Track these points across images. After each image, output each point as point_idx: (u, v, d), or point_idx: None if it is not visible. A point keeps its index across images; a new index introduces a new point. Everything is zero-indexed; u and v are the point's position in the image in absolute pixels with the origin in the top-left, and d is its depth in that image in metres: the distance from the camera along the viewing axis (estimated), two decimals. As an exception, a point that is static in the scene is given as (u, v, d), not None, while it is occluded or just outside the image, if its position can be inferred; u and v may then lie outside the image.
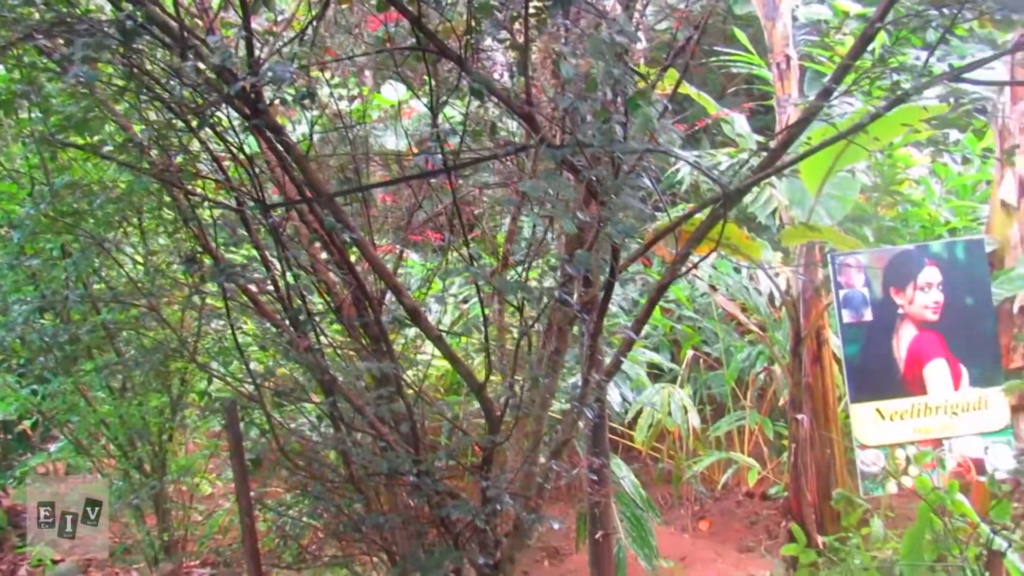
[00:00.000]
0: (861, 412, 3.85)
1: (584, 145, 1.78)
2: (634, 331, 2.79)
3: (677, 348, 6.87)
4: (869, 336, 3.86)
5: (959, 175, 6.55)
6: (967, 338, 3.85)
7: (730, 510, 6.03)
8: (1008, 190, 4.18)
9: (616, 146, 1.70)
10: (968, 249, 3.91)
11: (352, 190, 2.27)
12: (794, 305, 4.59)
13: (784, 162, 2.44)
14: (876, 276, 3.89)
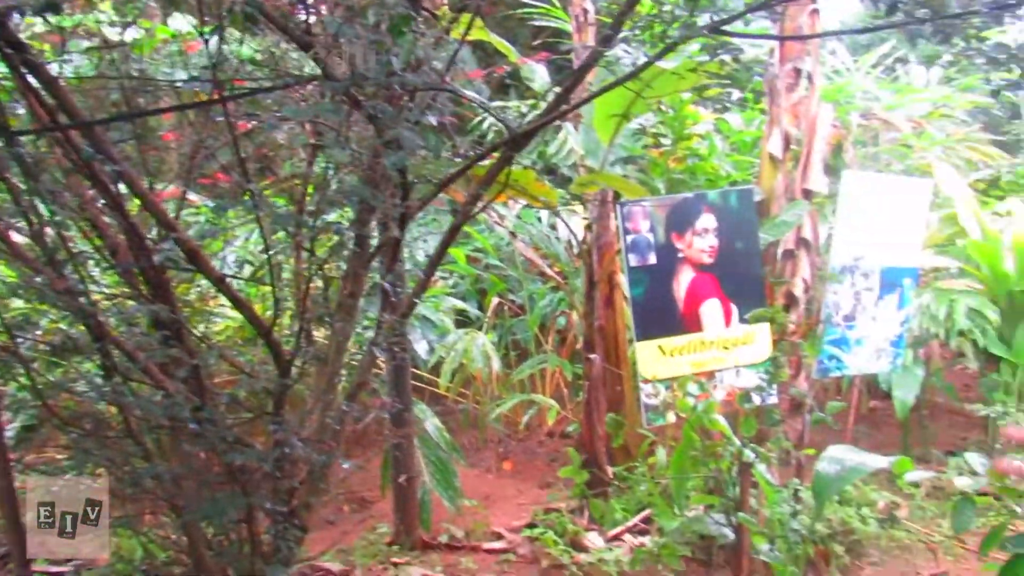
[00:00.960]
0: (645, 349, 4.10)
1: (363, 78, 1.75)
2: (427, 274, 2.82)
3: (484, 296, 7.03)
4: (653, 278, 4.11)
5: (739, 131, 7.08)
6: (737, 279, 4.19)
7: (532, 449, 6.30)
8: (775, 144, 4.58)
9: (394, 79, 1.68)
10: (740, 198, 4.25)
11: (113, 119, 2.10)
12: (588, 251, 4.81)
13: (569, 106, 2.52)
14: (660, 222, 4.14)
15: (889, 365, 5.02)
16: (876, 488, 5.15)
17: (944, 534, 4.86)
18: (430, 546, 4.46)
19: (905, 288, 4.85)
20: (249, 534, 2.63)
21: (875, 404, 7.54)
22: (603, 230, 4.85)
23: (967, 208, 6.11)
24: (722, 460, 2.28)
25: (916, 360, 5.90)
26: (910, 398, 5.75)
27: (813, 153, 4.60)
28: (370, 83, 1.70)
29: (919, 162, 6.68)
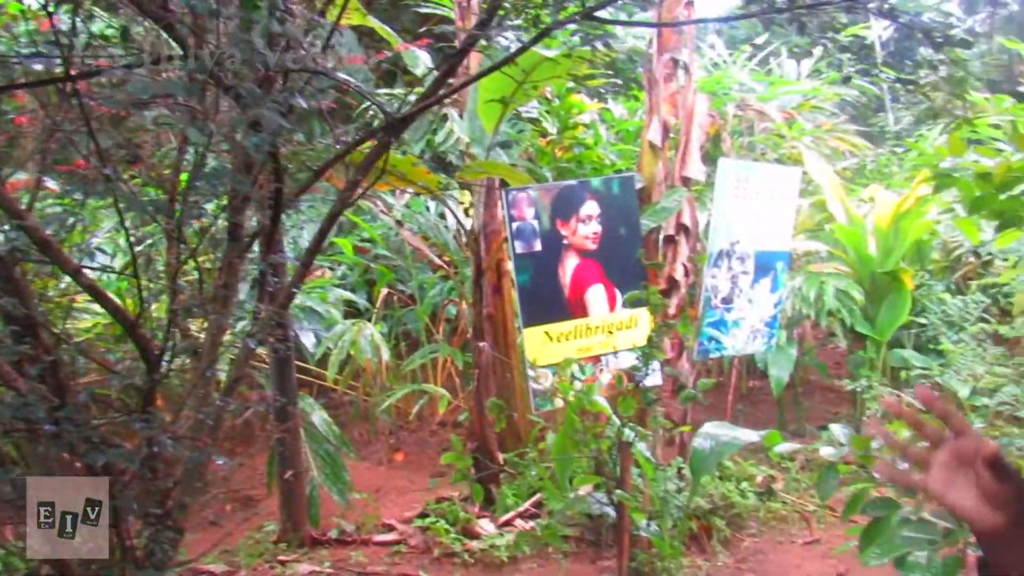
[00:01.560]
0: (532, 335, 4.14)
1: (226, 57, 1.68)
2: (305, 262, 2.74)
3: (373, 287, 6.93)
4: (538, 265, 4.14)
5: (623, 120, 7.24)
6: (620, 265, 4.28)
7: (424, 440, 6.27)
8: (654, 133, 4.69)
9: (257, 59, 1.62)
10: (621, 185, 4.34)
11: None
12: (475, 239, 4.81)
13: (445, 92, 2.50)
14: (544, 209, 4.18)
15: (765, 345, 5.25)
16: (755, 463, 5.39)
17: (817, 504, 5.13)
18: (319, 542, 4.37)
19: (778, 271, 5.08)
20: (118, 538, 2.50)
21: (754, 383, 7.89)
22: (490, 218, 4.86)
23: (834, 195, 6.45)
24: (603, 440, 2.33)
25: (790, 340, 6.20)
26: (785, 376, 6.04)
27: (691, 142, 4.74)
28: (230, 61, 1.63)
29: (791, 151, 7.00)
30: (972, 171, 2.56)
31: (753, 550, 4.60)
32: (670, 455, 4.95)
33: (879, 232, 6.25)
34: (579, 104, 6.81)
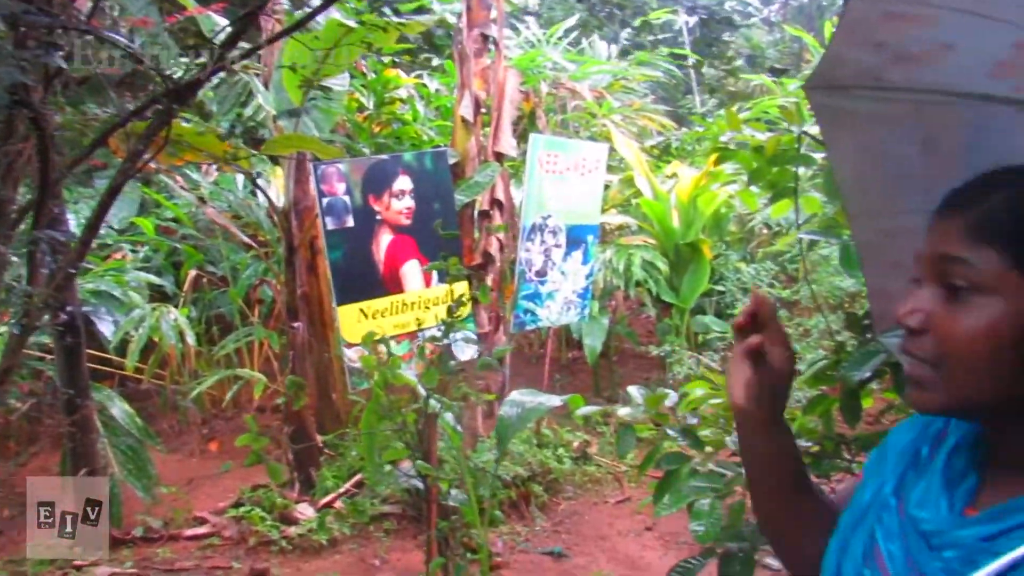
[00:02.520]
0: (347, 313, 4.06)
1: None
2: (84, 241, 2.53)
3: (180, 270, 6.54)
4: (351, 241, 4.06)
5: (440, 96, 7.22)
6: (435, 239, 4.27)
7: (240, 427, 5.99)
8: (466, 108, 4.72)
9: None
10: (434, 159, 4.33)
11: None
12: (286, 216, 4.65)
13: (235, 58, 2.37)
14: (357, 184, 4.10)
15: (578, 316, 5.46)
16: (571, 430, 5.60)
17: (628, 464, 5.41)
18: (121, 542, 4.10)
19: (589, 244, 5.29)
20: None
21: (574, 354, 8.19)
22: (301, 194, 4.70)
23: (641, 171, 6.78)
24: (408, 413, 2.32)
25: (602, 310, 6.48)
26: (598, 345, 6.30)
27: (503, 117, 4.81)
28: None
29: (602, 129, 7.27)
30: (748, 144, 2.74)
31: (569, 512, 4.79)
32: (491, 427, 5.05)
33: (681, 206, 6.64)
34: (395, 79, 6.72)
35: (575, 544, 4.39)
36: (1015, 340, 0.74)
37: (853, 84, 1.09)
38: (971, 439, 0.87)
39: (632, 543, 4.38)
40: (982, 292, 0.75)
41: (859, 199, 1.26)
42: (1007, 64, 0.94)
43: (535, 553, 4.25)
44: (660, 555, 4.21)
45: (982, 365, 0.76)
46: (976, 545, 0.76)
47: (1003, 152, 0.88)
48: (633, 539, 4.43)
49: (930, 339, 0.79)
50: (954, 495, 0.83)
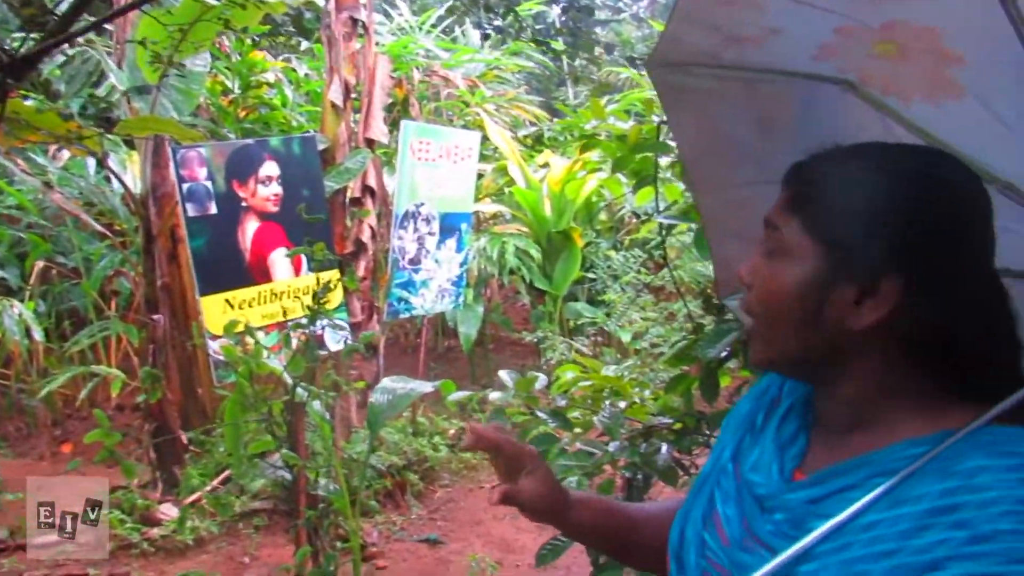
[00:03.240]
0: (211, 304, 3.91)
1: None
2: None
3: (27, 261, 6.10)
4: (215, 229, 3.90)
5: (310, 81, 7.05)
6: (304, 227, 4.15)
7: (97, 426, 5.68)
8: (336, 93, 4.61)
9: None
10: (302, 145, 4.22)
11: None
12: (143, 202, 4.41)
13: (78, 30, 2.23)
14: (220, 170, 3.94)
15: (453, 304, 5.47)
16: (447, 418, 5.61)
17: (504, 449, 5.49)
18: (-39, 554, 3.80)
19: (463, 232, 5.30)
20: None
21: (450, 343, 8.21)
22: (160, 179, 4.48)
23: (514, 160, 6.85)
24: (274, 402, 2.26)
25: (477, 298, 6.52)
26: (473, 333, 6.34)
27: (373, 103, 4.74)
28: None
29: (476, 118, 7.30)
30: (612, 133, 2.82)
31: (445, 499, 4.81)
32: (364, 417, 4.98)
33: (553, 195, 6.77)
34: (262, 62, 6.50)
35: (451, 530, 4.41)
36: (798, 296, 0.82)
37: (691, 62, 1.14)
38: (801, 404, 0.93)
39: (507, 527, 4.44)
40: (785, 255, 0.84)
41: (701, 172, 1.32)
42: (829, 47, 1.01)
43: (411, 541, 4.24)
44: (534, 537, 4.28)
45: (781, 316, 0.84)
46: (803, 508, 0.80)
47: (830, 127, 0.95)
48: (508, 523, 4.49)
49: (753, 295, 0.88)
50: (784, 459, 0.88)
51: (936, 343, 0.79)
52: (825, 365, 0.84)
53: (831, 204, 0.81)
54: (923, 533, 0.70)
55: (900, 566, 0.70)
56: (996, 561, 0.66)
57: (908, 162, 0.82)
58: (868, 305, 0.79)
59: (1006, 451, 0.72)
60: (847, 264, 0.79)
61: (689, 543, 0.91)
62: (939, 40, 0.92)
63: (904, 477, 0.74)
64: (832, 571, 0.74)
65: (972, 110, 0.97)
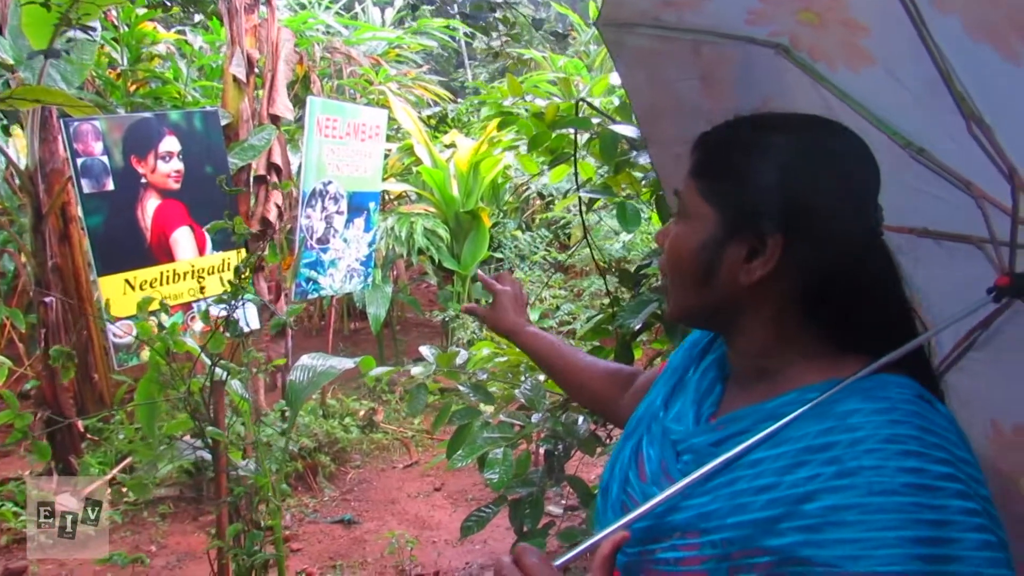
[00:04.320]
0: (110, 284, 3.75)
1: None
2: None
3: None
4: (112, 206, 3.73)
5: (203, 55, 6.78)
6: (208, 205, 4.03)
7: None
8: (238, 67, 4.46)
9: None
10: (204, 120, 4.07)
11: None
12: (31, 178, 4.17)
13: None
14: (116, 144, 3.76)
15: (361, 284, 5.41)
16: (357, 399, 5.57)
17: (415, 429, 5.49)
18: None
19: (371, 212, 5.24)
20: None
21: (358, 325, 8.12)
22: (49, 154, 4.24)
23: (420, 140, 6.80)
24: (193, 380, 2.20)
25: (385, 279, 6.47)
26: (382, 313, 6.29)
27: (277, 78, 4.62)
28: None
29: (379, 97, 7.20)
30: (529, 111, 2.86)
31: (358, 480, 4.78)
32: (274, 400, 4.89)
33: (460, 175, 6.76)
34: (152, 33, 6.21)
35: (365, 510, 4.39)
36: (693, 254, 0.91)
37: (635, 22, 1.19)
38: (719, 359, 1.02)
39: (422, 504, 4.46)
40: (685, 216, 0.93)
41: (653, 127, 1.39)
42: (758, 13, 1.08)
43: (324, 523, 4.20)
44: (450, 513, 4.32)
45: (683, 274, 0.93)
46: (706, 450, 0.89)
47: (768, 86, 1.01)
48: (423, 500, 4.51)
49: (664, 255, 0.96)
50: (702, 407, 0.97)
51: (824, 299, 0.87)
52: (726, 319, 0.93)
53: (724, 170, 0.89)
54: (798, 469, 0.78)
55: (778, 499, 0.77)
56: (858, 493, 0.73)
57: (797, 132, 0.89)
58: (756, 262, 0.87)
59: (879, 396, 0.80)
60: (737, 225, 0.87)
61: (614, 478, 0.99)
62: (847, 11, 0.99)
63: (789, 421, 0.81)
64: (720, 502, 0.81)
65: (882, 78, 1.05)
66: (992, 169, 0.99)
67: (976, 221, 1.03)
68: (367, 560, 3.82)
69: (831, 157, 0.87)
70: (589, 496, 2.51)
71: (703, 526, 0.81)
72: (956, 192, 1.04)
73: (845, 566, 0.71)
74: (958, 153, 1.04)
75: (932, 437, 0.75)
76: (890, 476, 0.72)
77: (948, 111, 0.98)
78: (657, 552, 0.84)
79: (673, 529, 0.84)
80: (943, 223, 1.08)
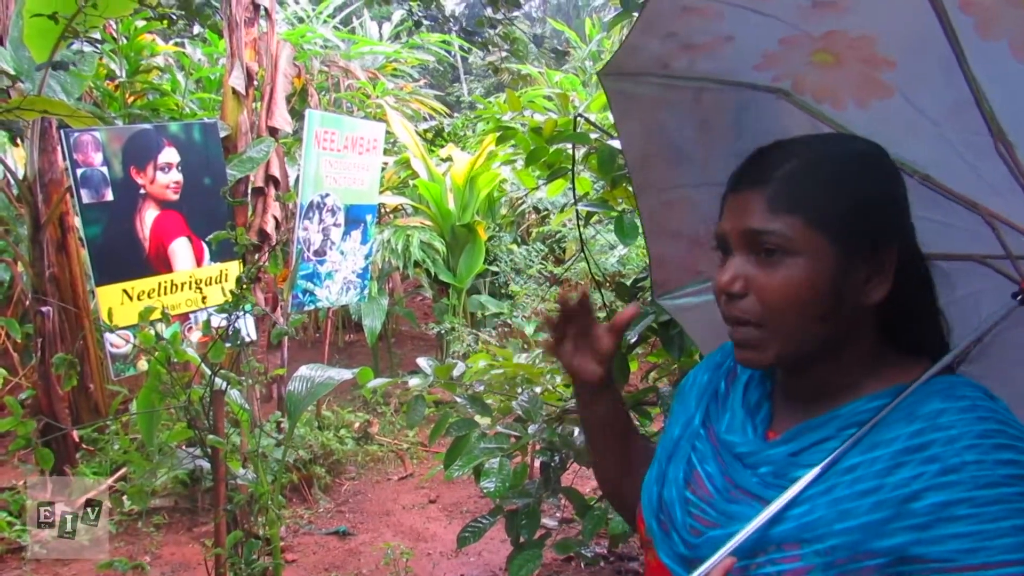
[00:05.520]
0: (108, 294, 3.76)
1: None
2: None
3: None
4: (111, 216, 3.75)
5: (204, 68, 6.82)
6: (206, 216, 4.06)
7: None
8: (237, 79, 4.50)
9: None
10: (203, 131, 4.10)
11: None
12: (30, 189, 4.18)
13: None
14: (116, 155, 3.78)
15: (357, 296, 5.42)
16: (352, 411, 5.58)
17: (411, 442, 5.49)
18: None
19: (368, 224, 5.26)
20: None
21: (351, 337, 8.13)
22: (48, 164, 4.26)
23: (417, 153, 6.84)
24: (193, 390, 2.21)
25: (381, 291, 6.49)
26: (378, 326, 6.31)
27: (276, 90, 4.65)
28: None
29: (377, 110, 7.25)
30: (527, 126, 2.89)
31: (353, 492, 4.78)
32: (269, 411, 4.90)
33: (456, 189, 6.80)
34: (151, 46, 6.25)
35: (360, 522, 4.39)
36: (821, 290, 0.85)
37: (642, 71, 1.21)
38: (759, 376, 1.02)
39: (416, 516, 4.46)
40: (790, 253, 0.85)
41: (644, 174, 1.40)
42: (772, 56, 1.11)
43: (319, 534, 4.20)
44: (445, 525, 4.32)
45: (802, 314, 0.86)
46: (785, 460, 0.89)
47: (761, 132, 1.04)
48: (417, 512, 4.51)
49: (752, 300, 0.88)
50: (755, 421, 0.97)
51: (899, 309, 0.89)
52: (832, 346, 0.89)
53: (823, 194, 0.86)
54: (899, 470, 0.80)
55: (884, 500, 0.79)
56: (965, 488, 0.76)
57: (858, 147, 0.90)
58: (875, 281, 0.87)
59: (959, 395, 0.83)
60: (855, 247, 0.85)
61: (672, 502, 0.97)
62: (874, 47, 1.02)
63: (874, 424, 0.83)
64: (821, 511, 0.82)
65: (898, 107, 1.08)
66: (1003, 188, 1.02)
67: (978, 240, 1.07)
68: (362, 572, 3.82)
69: (888, 165, 0.90)
70: (585, 507, 2.52)
71: (805, 536, 0.81)
72: (958, 214, 1.08)
73: (962, 560, 0.74)
74: (968, 175, 1.07)
75: (1013, 430, 0.79)
76: (991, 469, 0.75)
77: (972, 132, 1.00)
78: (753, 568, 0.84)
79: (771, 543, 0.83)
80: (939, 244, 1.12)
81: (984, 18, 0.91)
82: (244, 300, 2.11)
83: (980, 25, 0.92)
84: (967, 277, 1.12)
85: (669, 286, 1.60)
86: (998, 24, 0.91)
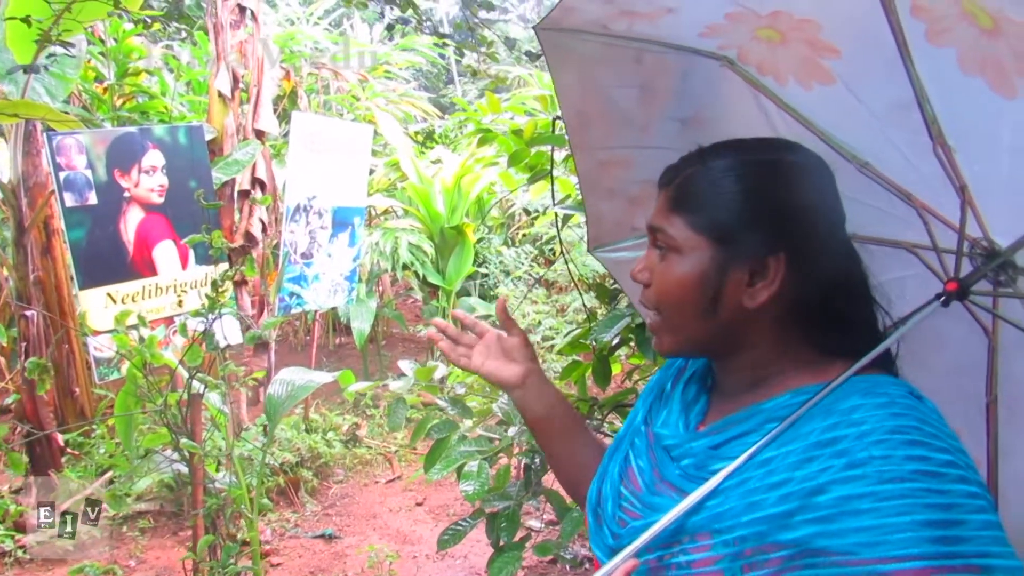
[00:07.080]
0: (92, 298, 3.74)
1: None
2: None
3: None
4: (95, 220, 3.73)
5: (192, 70, 6.80)
6: (192, 220, 4.04)
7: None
8: (223, 82, 4.49)
9: None
10: (189, 134, 4.08)
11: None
12: (14, 192, 4.17)
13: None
14: (100, 158, 3.77)
15: (345, 299, 5.41)
16: (340, 414, 5.57)
17: (398, 444, 5.49)
18: None
19: (356, 226, 5.26)
20: None
21: (343, 340, 8.11)
22: (32, 168, 4.25)
23: (407, 156, 6.84)
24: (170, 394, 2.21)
25: (370, 293, 6.48)
26: (366, 328, 6.30)
27: (262, 93, 4.65)
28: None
29: (366, 113, 7.24)
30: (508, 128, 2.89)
31: (340, 495, 4.77)
32: (256, 415, 4.89)
33: (445, 191, 6.80)
34: (140, 49, 6.23)
35: (347, 525, 4.38)
36: (699, 288, 0.91)
37: (581, 29, 1.20)
38: (702, 371, 1.05)
39: (403, 519, 4.45)
40: (675, 251, 0.93)
41: (582, 133, 1.40)
42: (716, 27, 1.11)
43: (306, 537, 4.19)
44: (431, 527, 4.32)
45: (684, 307, 0.93)
46: (706, 453, 0.91)
47: (704, 96, 1.04)
48: (404, 515, 4.50)
49: (652, 291, 0.96)
50: (689, 416, 1.00)
51: (813, 307, 0.91)
52: (726, 342, 0.94)
53: (709, 200, 0.91)
54: (808, 464, 0.81)
55: (791, 493, 0.80)
56: (870, 482, 0.76)
57: (765, 153, 0.93)
58: (760, 285, 0.89)
59: (878, 392, 0.84)
60: (735, 251, 0.89)
61: (607, 497, 1.00)
62: (818, 32, 1.03)
63: (793, 420, 0.85)
64: (732, 502, 0.83)
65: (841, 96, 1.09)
66: (937, 184, 1.03)
67: (910, 228, 1.08)
68: (347, 575, 3.81)
69: (806, 172, 0.91)
70: (566, 509, 2.53)
71: (716, 527, 0.83)
72: (894, 202, 1.09)
73: (861, 553, 0.74)
74: (905, 169, 1.08)
75: (929, 427, 0.79)
76: (898, 464, 0.76)
77: (912, 131, 1.03)
78: (667, 557, 0.87)
79: (684, 533, 0.86)
80: (873, 228, 1.14)
81: (935, 27, 0.92)
82: (220, 304, 2.11)
83: (930, 32, 0.93)
84: (898, 262, 1.14)
85: (604, 240, 1.61)
86: (949, 34, 0.92)
